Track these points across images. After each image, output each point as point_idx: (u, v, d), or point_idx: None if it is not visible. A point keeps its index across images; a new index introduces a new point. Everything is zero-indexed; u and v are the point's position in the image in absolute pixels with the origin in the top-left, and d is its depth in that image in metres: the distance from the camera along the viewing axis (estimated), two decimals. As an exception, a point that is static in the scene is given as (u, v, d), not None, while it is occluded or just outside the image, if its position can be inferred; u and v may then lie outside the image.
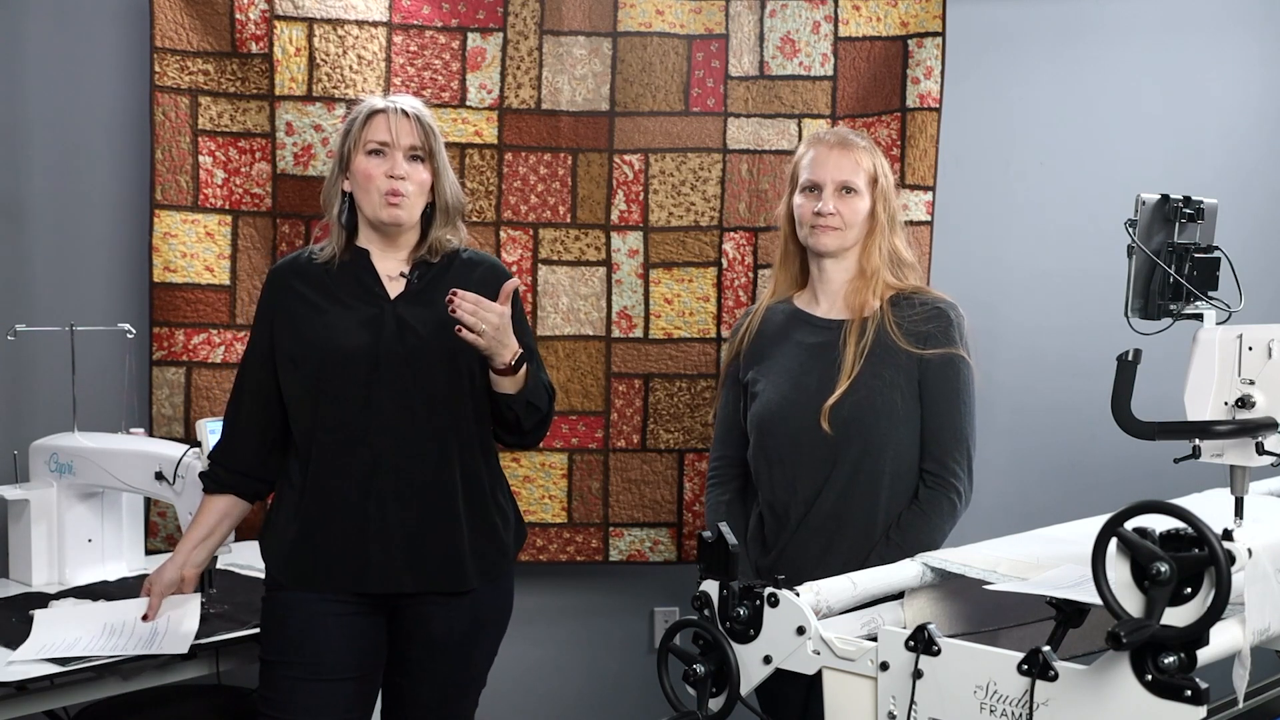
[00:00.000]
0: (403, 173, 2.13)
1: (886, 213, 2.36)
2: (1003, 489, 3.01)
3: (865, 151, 2.37)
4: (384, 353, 2.11)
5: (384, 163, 2.14)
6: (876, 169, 2.36)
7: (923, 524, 2.26)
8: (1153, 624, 1.16)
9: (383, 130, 2.14)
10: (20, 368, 2.92)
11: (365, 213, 2.17)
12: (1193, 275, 1.62)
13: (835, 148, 2.36)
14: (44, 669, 2.09)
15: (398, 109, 2.16)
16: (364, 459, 2.11)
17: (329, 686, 2.10)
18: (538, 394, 2.17)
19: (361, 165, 2.14)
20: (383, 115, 2.15)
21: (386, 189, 2.13)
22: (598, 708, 3.30)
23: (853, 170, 2.34)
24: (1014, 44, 3.23)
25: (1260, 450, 1.49)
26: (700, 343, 3.05)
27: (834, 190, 2.33)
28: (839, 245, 2.34)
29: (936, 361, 2.28)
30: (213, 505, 2.23)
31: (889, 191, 2.38)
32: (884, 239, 2.35)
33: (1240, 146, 3.28)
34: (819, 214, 2.32)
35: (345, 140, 2.18)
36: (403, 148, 2.14)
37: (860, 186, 2.34)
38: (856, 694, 1.37)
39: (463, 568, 2.15)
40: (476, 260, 2.27)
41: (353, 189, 2.18)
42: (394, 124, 2.14)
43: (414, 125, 2.15)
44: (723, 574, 1.45)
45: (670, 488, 3.06)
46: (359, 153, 2.15)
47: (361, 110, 2.18)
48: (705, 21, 3.01)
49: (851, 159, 2.34)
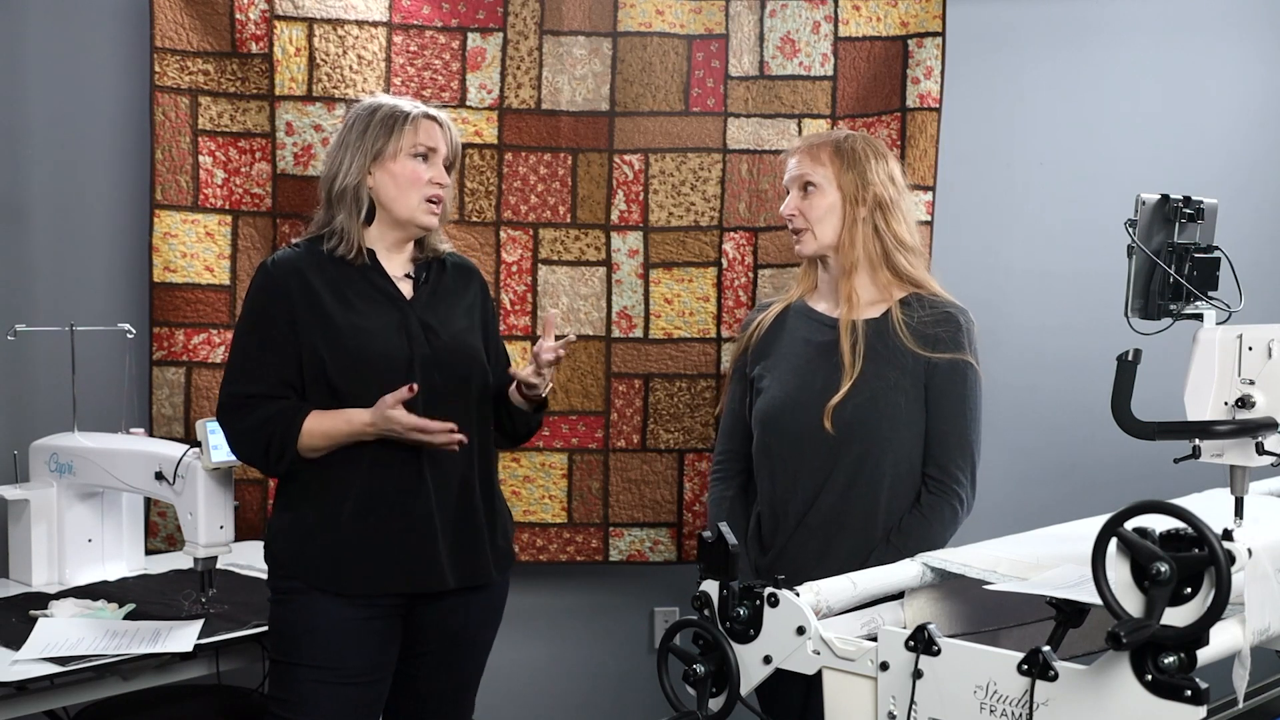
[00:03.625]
0: (446, 181, 2.20)
1: (862, 202, 2.30)
2: (1003, 489, 3.00)
3: (828, 146, 2.33)
4: (417, 356, 2.14)
5: (430, 169, 2.17)
6: (845, 161, 2.30)
7: (924, 529, 2.25)
8: (1153, 624, 1.15)
9: (436, 138, 2.18)
10: (20, 368, 2.92)
11: (397, 213, 2.17)
12: (1193, 275, 1.62)
13: (797, 151, 2.37)
14: (44, 669, 2.09)
15: (442, 119, 2.21)
16: (408, 462, 2.11)
17: (348, 690, 2.11)
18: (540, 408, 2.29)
19: (408, 168, 2.16)
20: (432, 123, 2.19)
21: (430, 194, 2.17)
22: (598, 708, 3.30)
23: (809, 167, 2.32)
24: (1014, 44, 3.23)
25: (1260, 450, 1.49)
26: (700, 343, 3.05)
27: (797, 190, 2.33)
28: (814, 249, 2.34)
29: (944, 366, 2.27)
30: (318, 416, 2.10)
31: (871, 180, 2.30)
32: (859, 230, 2.31)
33: (1240, 146, 3.29)
34: (785, 217, 2.36)
35: (385, 137, 2.15)
36: (443, 155, 2.20)
37: (819, 181, 2.31)
38: (856, 694, 1.37)
39: (487, 561, 2.20)
40: (461, 262, 2.34)
41: (384, 188, 2.16)
42: (444, 134, 2.20)
43: (452, 137, 2.22)
44: (723, 574, 1.45)
45: (670, 488, 3.06)
46: (404, 154, 2.16)
47: (397, 112, 2.17)
48: (705, 21, 3.01)
49: (809, 158, 2.33)
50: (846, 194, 2.31)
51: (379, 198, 2.17)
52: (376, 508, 2.11)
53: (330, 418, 2.09)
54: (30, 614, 2.33)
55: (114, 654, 2.16)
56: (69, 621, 2.29)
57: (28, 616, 2.32)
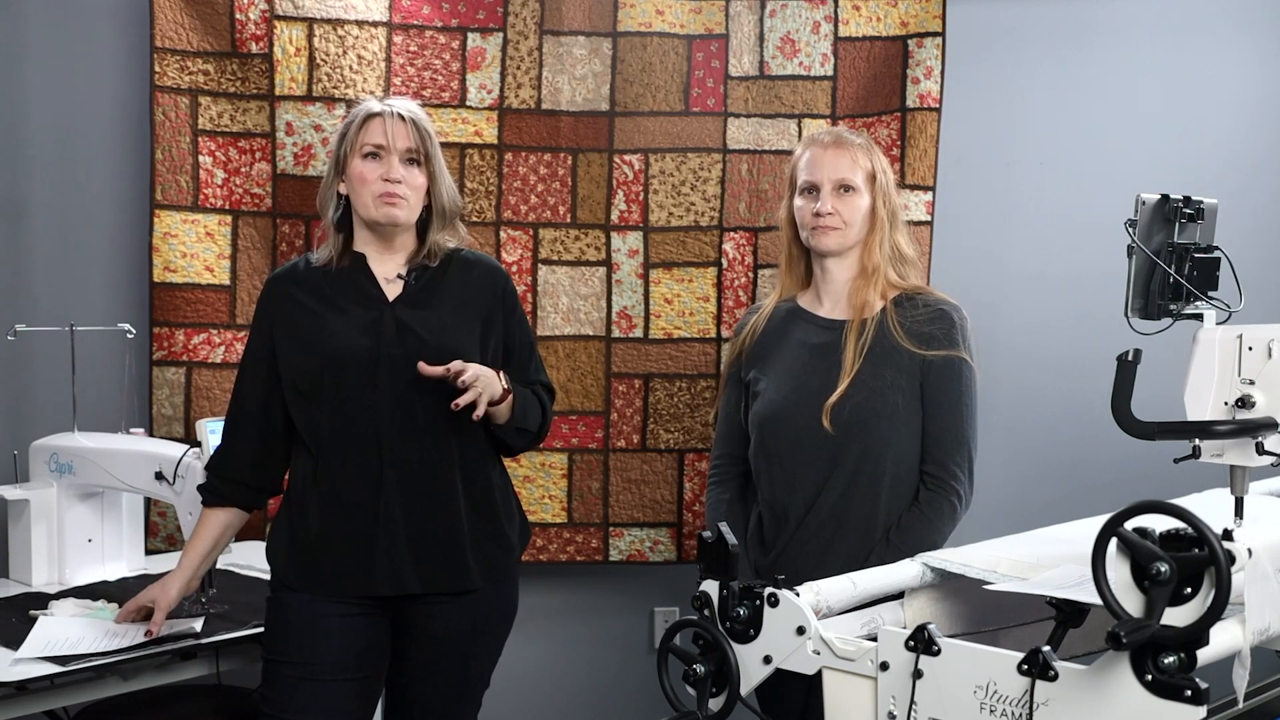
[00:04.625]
0: (398, 176, 2.13)
1: (887, 209, 2.36)
2: (1003, 489, 3.00)
3: (861, 149, 2.36)
4: (384, 355, 2.11)
5: (380, 166, 2.14)
6: (874, 166, 2.36)
7: (923, 526, 2.26)
8: (1153, 624, 1.15)
9: (378, 134, 2.14)
10: (20, 368, 2.92)
11: (361, 214, 2.18)
12: (1193, 275, 1.62)
13: (830, 147, 2.36)
14: (44, 669, 2.09)
15: (394, 112, 2.15)
16: (368, 462, 2.11)
17: (328, 687, 2.10)
18: (529, 418, 2.21)
19: (357, 168, 2.15)
20: (379, 119, 2.15)
21: (380, 191, 2.13)
22: (598, 708, 3.30)
23: (849, 168, 2.33)
24: (1014, 44, 3.23)
25: (1260, 450, 1.49)
26: (700, 343, 3.05)
27: (832, 190, 2.32)
28: (840, 245, 2.34)
29: (939, 363, 2.28)
30: (213, 519, 2.23)
31: (889, 188, 2.37)
32: (885, 236, 2.35)
33: (1240, 146, 3.29)
34: (818, 214, 2.32)
35: (341, 143, 2.18)
36: (399, 151, 2.14)
37: (858, 184, 2.33)
38: (856, 694, 1.37)
39: (466, 568, 2.15)
40: (474, 260, 2.27)
41: (348, 192, 2.18)
42: (390, 127, 2.14)
43: (410, 129, 2.15)
44: (723, 574, 1.45)
45: (670, 488, 3.06)
46: (355, 156, 2.15)
47: (358, 114, 2.18)
48: (705, 21, 3.01)
49: (848, 157, 2.34)
50: (878, 199, 2.35)
51: (350, 202, 2.19)
52: (335, 512, 2.12)
53: (193, 544, 2.25)
54: (30, 614, 2.33)
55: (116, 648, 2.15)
56: (69, 620, 2.29)
57: (28, 616, 2.32)
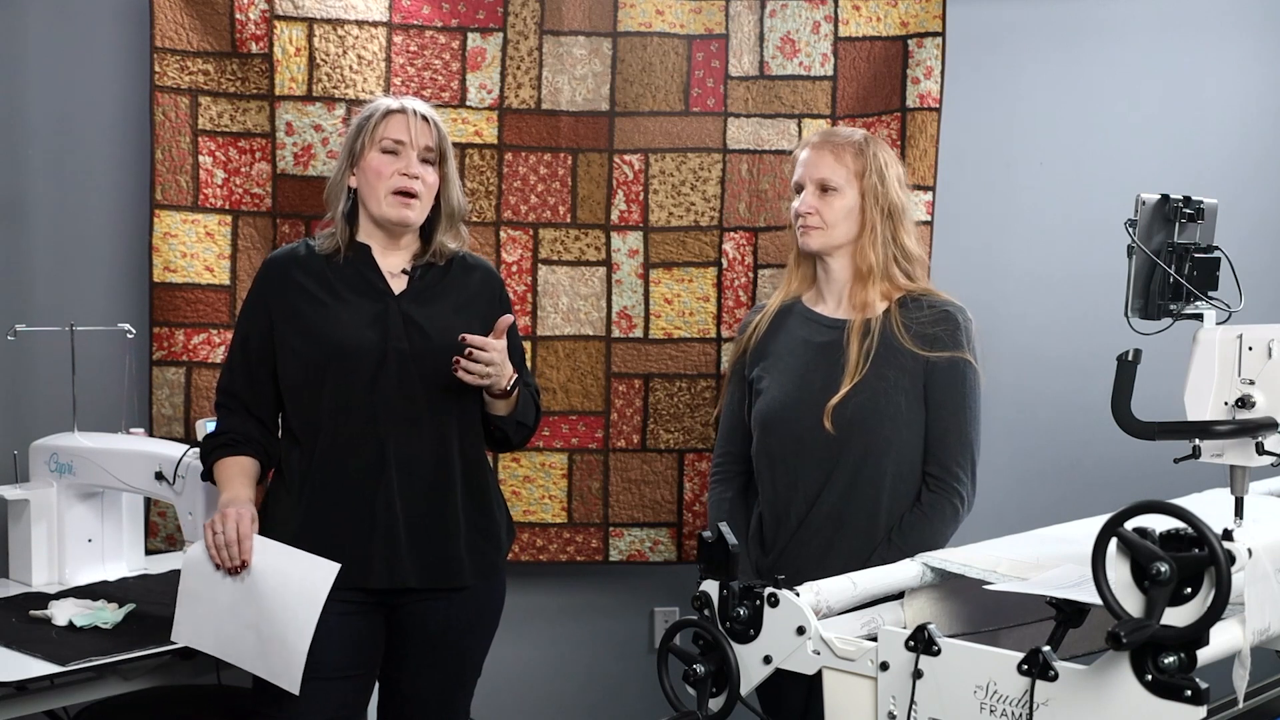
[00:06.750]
0: (416, 172, 2.16)
1: (879, 208, 2.32)
2: (1003, 489, 3.00)
3: (852, 148, 2.34)
4: (391, 349, 2.13)
5: (397, 161, 2.16)
6: (867, 165, 2.33)
7: (925, 527, 2.26)
8: (1153, 624, 1.16)
9: (400, 129, 2.16)
10: (20, 368, 2.92)
11: (370, 210, 2.19)
12: (1193, 275, 1.62)
13: (818, 147, 2.36)
14: (44, 669, 2.09)
15: (416, 111, 2.18)
16: (369, 454, 2.12)
17: (322, 684, 2.10)
18: (527, 413, 2.25)
19: (373, 161, 2.16)
20: (401, 115, 2.17)
21: (396, 187, 2.15)
22: (598, 708, 3.30)
23: (830, 168, 2.33)
24: (1014, 44, 3.23)
25: (1260, 450, 1.49)
26: (700, 343, 3.05)
27: (813, 189, 2.33)
28: (823, 244, 2.34)
29: (943, 365, 2.28)
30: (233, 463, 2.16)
31: (885, 187, 2.33)
32: (878, 236, 2.32)
33: (1240, 146, 3.28)
34: (798, 214, 2.33)
35: (358, 136, 2.19)
36: (419, 148, 2.17)
37: (839, 184, 2.32)
38: (856, 694, 1.37)
39: (460, 564, 2.17)
40: (474, 263, 2.31)
41: (360, 185, 2.18)
42: (413, 124, 2.17)
43: (430, 128, 2.19)
44: (723, 574, 1.45)
45: (670, 488, 3.06)
46: (372, 149, 2.16)
47: (377, 108, 2.20)
48: (705, 21, 3.01)
49: (830, 156, 2.33)
50: (866, 198, 2.32)
51: (360, 197, 2.20)
52: (334, 504, 2.12)
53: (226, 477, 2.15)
54: (30, 614, 2.33)
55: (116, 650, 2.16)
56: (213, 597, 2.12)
57: (28, 616, 2.32)
